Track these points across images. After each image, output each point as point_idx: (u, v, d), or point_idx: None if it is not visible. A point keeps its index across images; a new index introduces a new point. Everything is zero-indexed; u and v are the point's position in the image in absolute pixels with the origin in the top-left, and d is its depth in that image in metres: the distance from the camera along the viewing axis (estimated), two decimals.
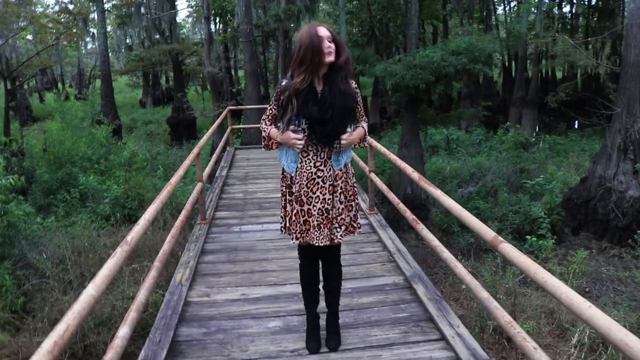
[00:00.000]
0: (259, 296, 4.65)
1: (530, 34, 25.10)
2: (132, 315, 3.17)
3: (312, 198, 3.34)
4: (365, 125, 3.53)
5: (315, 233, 3.36)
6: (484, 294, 3.40)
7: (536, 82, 25.97)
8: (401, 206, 5.54)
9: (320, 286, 3.77)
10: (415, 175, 4.60)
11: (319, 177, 3.33)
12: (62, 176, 13.09)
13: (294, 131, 3.25)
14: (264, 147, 3.52)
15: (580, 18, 33.83)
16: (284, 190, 3.48)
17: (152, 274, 3.74)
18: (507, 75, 33.52)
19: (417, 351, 3.71)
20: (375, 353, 3.70)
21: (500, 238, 2.95)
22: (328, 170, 3.35)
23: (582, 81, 32.32)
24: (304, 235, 3.39)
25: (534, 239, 10.59)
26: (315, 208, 3.35)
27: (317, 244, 3.37)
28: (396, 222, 11.42)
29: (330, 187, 3.37)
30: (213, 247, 6.04)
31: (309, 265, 3.67)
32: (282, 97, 3.29)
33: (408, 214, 5.21)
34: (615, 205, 10.81)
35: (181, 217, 5.36)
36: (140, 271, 7.78)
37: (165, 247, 4.35)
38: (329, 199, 3.37)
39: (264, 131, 3.44)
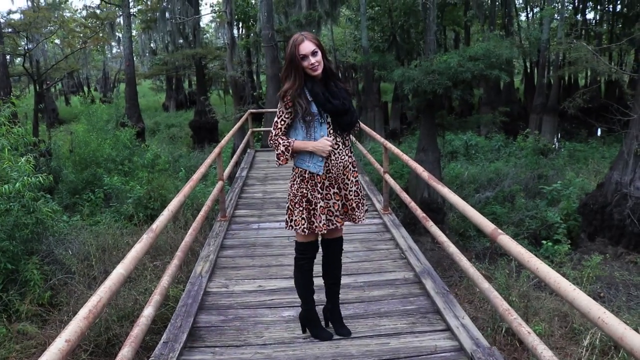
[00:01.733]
0: (274, 288, 4.91)
1: (553, 40, 25.08)
2: (155, 297, 3.43)
3: (347, 184, 3.67)
4: None
5: (357, 212, 3.73)
6: (485, 285, 3.60)
7: (557, 88, 25.88)
8: (412, 205, 5.75)
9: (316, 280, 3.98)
10: (425, 174, 4.81)
11: (349, 162, 3.67)
12: (87, 176, 13.50)
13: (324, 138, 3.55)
14: (280, 162, 3.57)
15: (605, 25, 33.59)
16: (305, 191, 3.60)
17: (175, 262, 4.01)
18: (528, 82, 33.40)
19: (423, 340, 3.92)
20: (383, 341, 3.91)
21: (500, 230, 3.15)
22: (352, 156, 3.73)
23: (605, 88, 32.10)
24: (345, 218, 3.71)
25: (550, 243, 10.65)
26: (351, 192, 3.68)
27: (358, 222, 3.74)
28: (412, 225, 11.58)
29: (354, 171, 3.73)
30: (232, 243, 6.32)
31: (309, 260, 3.85)
32: (293, 103, 3.46)
33: (419, 212, 5.41)
34: (632, 211, 10.86)
35: (202, 212, 5.64)
36: (162, 269, 8.05)
37: (187, 239, 4.63)
38: (356, 181, 3.73)
39: (283, 145, 3.52)
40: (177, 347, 3.71)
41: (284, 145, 3.51)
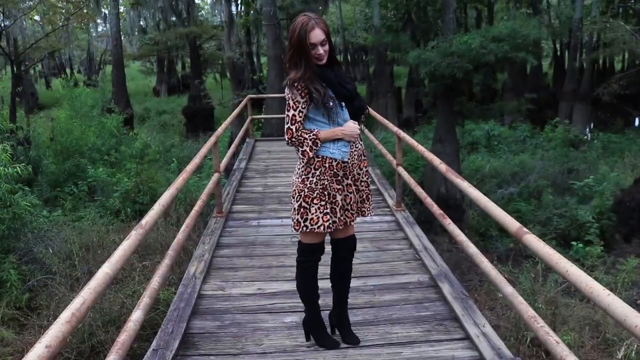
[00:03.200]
0: (275, 291, 4.92)
1: (586, 19, 24.92)
2: (144, 300, 3.44)
3: (360, 174, 3.73)
4: None
5: (366, 204, 3.81)
6: (508, 289, 3.59)
7: (590, 73, 25.70)
8: (428, 200, 5.74)
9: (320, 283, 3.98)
10: (442, 166, 4.81)
11: (362, 151, 3.74)
12: (70, 167, 13.54)
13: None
14: (304, 159, 3.54)
15: None
16: (325, 183, 3.56)
17: (166, 262, 4.02)
18: (558, 66, 33.24)
19: (439, 349, 3.92)
20: (394, 350, 3.92)
21: (525, 229, 3.15)
22: (362, 144, 3.80)
23: None
24: (356, 213, 3.73)
25: (580, 245, 10.64)
26: (362, 182, 3.76)
27: (369, 216, 3.83)
28: (428, 223, 11.57)
29: (364, 160, 3.79)
30: (229, 241, 6.34)
31: (315, 263, 3.86)
32: (308, 90, 3.44)
33: (435, 209, 5.41)
34: None
35: (196, 207, 5.65)
36: (151, 269, 8.07)
37: (180, 237, 4.64)
38: (366, 171, 3.81)
39: (310, 139, 3.49)
40: (168, 355, 3.73)
41: (311, 140, 3.48)
